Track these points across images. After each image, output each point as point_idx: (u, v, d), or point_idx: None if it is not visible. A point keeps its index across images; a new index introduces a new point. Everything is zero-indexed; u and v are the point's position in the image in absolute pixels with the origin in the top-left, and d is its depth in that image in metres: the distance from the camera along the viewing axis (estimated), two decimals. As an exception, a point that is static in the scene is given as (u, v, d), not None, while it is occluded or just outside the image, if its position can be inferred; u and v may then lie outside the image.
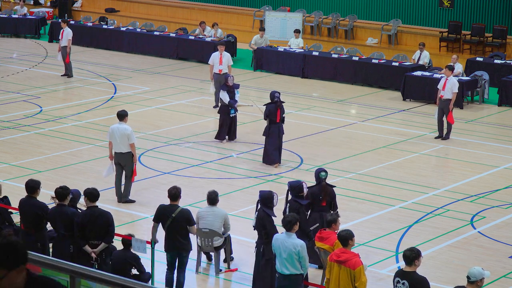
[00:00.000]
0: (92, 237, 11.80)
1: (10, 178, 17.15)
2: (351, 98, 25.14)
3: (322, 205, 13.26)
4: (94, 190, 12.00)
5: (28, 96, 24.41)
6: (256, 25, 33.68)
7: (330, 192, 13.41)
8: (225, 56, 22.88)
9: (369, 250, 14.15)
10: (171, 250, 12.28)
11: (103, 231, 11.78)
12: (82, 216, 11.85)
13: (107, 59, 30.21)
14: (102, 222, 11.77)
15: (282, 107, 18.19)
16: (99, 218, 11.77)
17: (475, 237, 14.93)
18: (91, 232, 11.78)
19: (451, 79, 20.68)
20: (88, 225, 11.75)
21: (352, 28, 32.28)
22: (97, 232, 11.77)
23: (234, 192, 16.86)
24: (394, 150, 19.99)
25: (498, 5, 30.34)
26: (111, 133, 15.92)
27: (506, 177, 18.24)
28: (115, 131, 15.83)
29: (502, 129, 22.24)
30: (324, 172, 13.49)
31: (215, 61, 22.94)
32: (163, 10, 36.81)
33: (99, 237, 11.79)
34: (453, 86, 20.59)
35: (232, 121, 20.03)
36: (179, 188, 12.38)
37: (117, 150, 15.89)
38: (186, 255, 12.29)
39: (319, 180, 13.41)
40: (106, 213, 11.85)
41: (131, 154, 15.89)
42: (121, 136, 15.77)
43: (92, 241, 11.81)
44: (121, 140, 15.78)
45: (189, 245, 12.30)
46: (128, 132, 15.75)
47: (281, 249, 11.09)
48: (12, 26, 34.17)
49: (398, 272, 10.09)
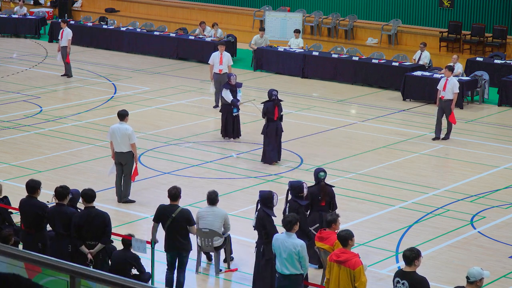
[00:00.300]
0: (89, 237, 11.79)
1: (10, 178, 17.15)
2: (351, 98, 25.14)
3: (321, 205, 13.27)
4: (90, 190, 12.00)
5: (28, 96, 24.41)
6: (256, 25, 33.68)
7: (329, 192, 13.41)
8: (225, 56, 22.89)
9: (369, 250, 14.16)
10: (171, 250, 12.28)
11: (99, 232, 11.77)
12: (79, 216, 11.85)
13: (107, 59, 30.21)
14: (99, 223, 11.76)
15: (279, 105, 18.20)
16: (95, 218, 11.76)
17: (475, 237, 14.94)
18: (88, 232, 11.77)
19: (451, 80, 20.67)
20: (85, 225, 11.75)
21: (352, 28, 32.29)
22: (94, 232, 11.76)
23: (234, 192, 16.86)
24: (394, 150, 19.99)
25: (498, 5, 30.34)
26: (111, 133, 15.93)
27: (506, 177, 18.24)
28: (115, 131, 15.84)
29: (502, 129, 22.25)
30: (323, 172, 13.49)
31: (215, 61, 22.95)
32: (163, 10, 36.82)
33: (96, 237, 11.79)
34: (453, 86, 20.59)
35: (235, 119, 20.06)
36: (179, 188, 12.38)
37: (118, 149, 15.90)
38: (186, 255, 12.29)
39: (318, 180, 13.42)
40: (102, 213, 11.84)
41: (131, 153, 15.90)
42: (122, 136, 15.77)
43: (89, 241, 11.80)
44: (122, 140, 15.79)
45: (189, 245, 12.30)
46: (129, 132, 15.77)
47: (281, 249, 11.09)
48: (12, 26, 34.18)
49: (398, 272, 10.09)
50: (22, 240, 12.47)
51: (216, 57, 22.98)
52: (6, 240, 11.55)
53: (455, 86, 20.59)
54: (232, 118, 19.99)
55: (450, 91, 20.56)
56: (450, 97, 20.56)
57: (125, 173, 16.06)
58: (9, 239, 11.66)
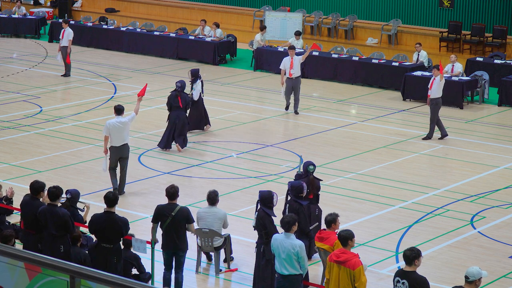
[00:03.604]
0: (105, 240, 11.71)
1: (10, 178, 17.15)
2: (351, 98, 25.14)
3: (309, 197, 13.44)
4: (111, 193, 11.99)
5: (28, 96, 24.41)
6: (256, 25, 33.68)
7: (317, 185, 13.71)
8: (296, 60, 22.81)
9: (369, 250, 14.16)
10: (168, 249, 12.26)
11: (117, 237, 11.72)
12: (97, 218, 11.78)
13: (107, 59, 30.21)
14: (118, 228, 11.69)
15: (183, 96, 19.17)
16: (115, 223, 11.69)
17: (475, 237, 14.94)
18: (104, 235, 11.69)
19: (438, 79, 20.70)
20: (102, 229, 11.68)
21: (352, 28, 32.29)
22: (112, 236, 11.70)
23: (234, 192, 16.87)
24: (394, 150, 19.99)
25: (498, 5, 30.34)
26: (109, 128, 16.10)
27: (506, 177, 18.24)
28: (113, 125, 16.10)
29: (502, 129, 22.25)
30: (312, 166, 13.78)
31: (286, 65, 22.90)
32: (163, 10, 36.81)
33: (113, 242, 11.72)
34: (440, 84, 20.62)
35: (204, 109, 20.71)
36: (176, 186, 12.37)
37: (115, 144, 16.11)
38: (183, 254, 12.28)
39: (307, 173, 13.66)
40: (123, 220, 11.78)
41: (127, 147, 16.27)
42: (118, 129, 16.11)
43: (104, 244, 11.72)
44: (119, 134, 16.11)
45: (185, 245, 12.27)
46: (124, 120, 16.20)
47: (280, 250, 11.09)
48: (12, 26, 34.17)
49: (398, 272, 10.09)
50: (22, 240, 12.48)
51: (287, 61, 22.92)
52: (6, 240, 11.55)
53: (441, 84, 20.66)
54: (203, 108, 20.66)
55: (437, 90, 20.59)
56: (436, 95, 20.61)
57: (122, 166, 16.33)
58: (10, 239, 11.65)
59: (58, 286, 6.21)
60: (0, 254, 6.51)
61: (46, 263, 6.14)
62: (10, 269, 6.59)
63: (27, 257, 6.35)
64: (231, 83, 26.72)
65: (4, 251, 6.49)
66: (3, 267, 6.56)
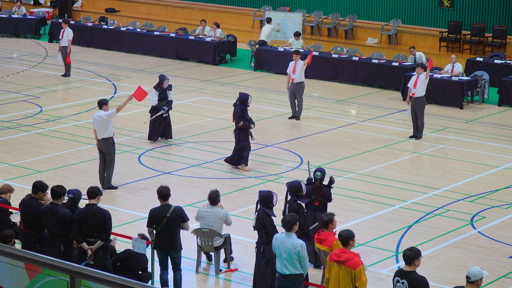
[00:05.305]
0: (88, 234, 11.76)
1: (10, 178, 17.15)
2: (351, 98, 25.14)
3: (315, 204, 13.26)
4: (93, 188, 12.00)
5: (28, 96, 24.41)
6: (256, 25, 33.69)
7: (323, 193, 13.38)
8: (299, 64, 22.53)
9: (369, 250, 14.16)
10: (161, 248, 12.25)
11: (99, 229, 11.75)
12: (80, 213, 11.82)
13: (107, 59, 30.21)
14: (99, 220, 11.72)
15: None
16: (96, 215, 11.73)
17: (475, 237, 14.94)
18: (88, 229, 11.73)
19: (422, 77, 20.70)
20: (85, 222, 11.73)
21: (352, 28, 32.28)
22: (94, 229, 11.73)
23: (234, 192, 16.87)
24: (394, 150, 19.99)
25: (498, 5, 30.34)
26: (92, 121, 16.86)
27: (506, 177, 18.24)
28: (93, 118, 16.72)
29: (502, 129, 22.25)
30: (319, 172, 13.45)
31: (290, 70, 22.70)
32: (163, 10, 36.81)
33: (96, 234, 11.76)
34: (424, 82, 20.62)
35: (166, 121, 20.03)
36: (167, 186, 12.38)
37: (99, 136, 16.60)
38: (177, 255, 12.27)
39: (314, 180, 13.42)
40: (103, 211, 11.84)
41: (110, 141, 16.57)
42: (99, 123, 16.51)
43: (89, 238, 11.79)
44: (98, 127, 16.54)
45: (178, 246, 12.25)
46: (101, 115, 16.51)
47: (281, 249, 11.09)
48: (12, 26, 34.17)
49: (398, 272, 10.09)
50: (22, 240, 12.47)
51: (290, 66, 22.72)
52: (6, 240, 11.55)
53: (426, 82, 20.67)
54: (163, 120, 19.93)
55: (421, 88, 20.60)
56: (421, 94, 20.60)
57: (108, 161, 16.66)
58: (10, 239, 11.65)
59: (58, 286, 6.20)
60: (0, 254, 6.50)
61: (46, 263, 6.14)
62: (10, 269, 6.58)
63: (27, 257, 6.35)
64: (231, 83, 26.71)
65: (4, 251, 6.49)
66: (3, 267, 6.56)
